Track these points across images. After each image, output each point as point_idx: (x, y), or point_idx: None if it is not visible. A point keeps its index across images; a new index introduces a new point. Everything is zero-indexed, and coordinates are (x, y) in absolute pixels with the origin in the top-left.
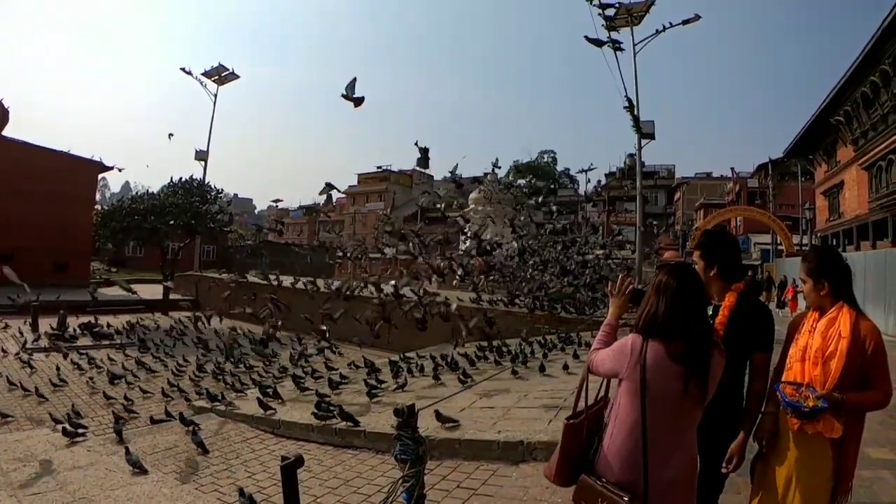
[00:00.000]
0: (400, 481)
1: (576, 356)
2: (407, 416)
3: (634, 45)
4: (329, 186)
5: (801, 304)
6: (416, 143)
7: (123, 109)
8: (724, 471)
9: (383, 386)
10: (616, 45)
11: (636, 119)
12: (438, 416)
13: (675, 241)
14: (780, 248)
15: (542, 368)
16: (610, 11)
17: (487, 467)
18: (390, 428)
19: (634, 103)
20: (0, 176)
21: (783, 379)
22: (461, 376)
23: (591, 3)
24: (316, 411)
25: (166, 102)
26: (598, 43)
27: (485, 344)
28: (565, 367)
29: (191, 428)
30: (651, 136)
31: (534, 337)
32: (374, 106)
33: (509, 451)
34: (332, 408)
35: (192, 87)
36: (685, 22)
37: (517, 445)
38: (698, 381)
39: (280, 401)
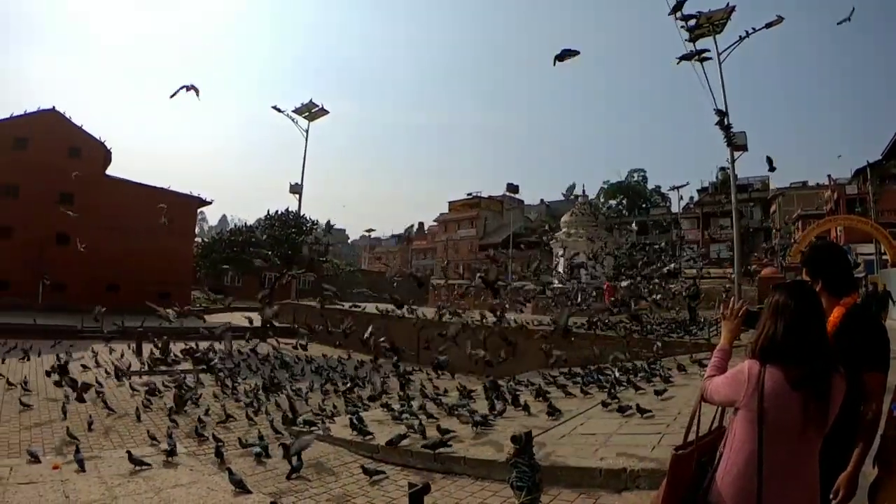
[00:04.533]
0: None
1: (657, 393)
2: (524, 443)
3: (719, 54)
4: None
5: None
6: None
7: (219, 148)
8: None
9: (476, 416)
10: (702, 56)
11: (727, 130)
12: None
13: (773, 256)
14: (884, 257)
15: (622, 408)
16: (691, 22)
17: (589, 495)
18: (491, 454)
19: (725, 114)
20: (106, 212)
21: None
22: (549, 409)
23: (676, 17)
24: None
25: (262, 140)
26: (685, 57)
27: (577, 370)
28: (642, 410)
29: (259, 450)
30: (744, 148)
31: (622, 363)
32: (462, 135)
33: (612, 479)
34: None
35: (286, 123)
36: (768, 25)
37: (620, 473)
38: (819, 408)
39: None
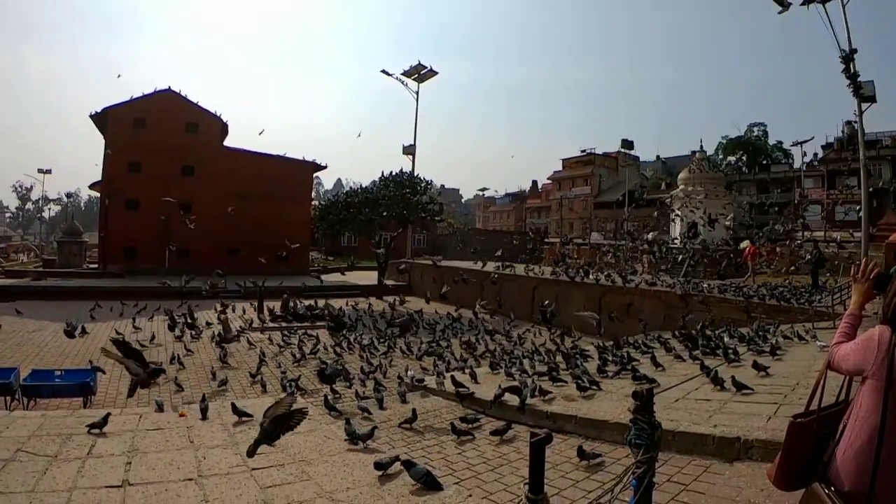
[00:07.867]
0: (633, 467)
1: (756, 366)
2: (645, 400)
3: None
4: None
5: None
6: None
7: (334, 115)
8: None
9: (586, 376)
10: None
11: (854, 79)
12: None
13: None
14: None
15: (716, 380)
16: None
17: (699, 463)
18: (602, 415)
19: (851, 59)
20: (226, 180)
21: None
22: (661, 372)
23: None
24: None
25: (374, 104)
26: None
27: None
28: (738, 385)
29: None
30: (872, 99)
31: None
32: (575, 92)
33: (724, 448)
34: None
35: (396, 86)
36: None
37: (733, 442)
38: None
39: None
